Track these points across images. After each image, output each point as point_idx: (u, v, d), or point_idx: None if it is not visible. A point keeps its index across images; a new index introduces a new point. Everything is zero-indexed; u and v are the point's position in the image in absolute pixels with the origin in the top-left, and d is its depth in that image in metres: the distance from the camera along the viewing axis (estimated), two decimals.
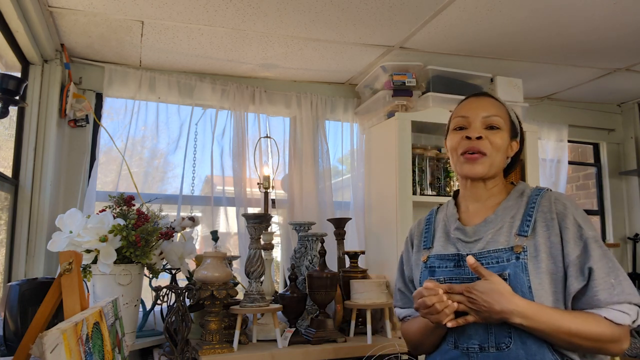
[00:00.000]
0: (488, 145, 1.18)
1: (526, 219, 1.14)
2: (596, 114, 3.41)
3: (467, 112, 1.22)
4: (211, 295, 1.73)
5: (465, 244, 1.18)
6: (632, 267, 3.30)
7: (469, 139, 1.19)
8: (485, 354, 1.09)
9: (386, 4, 1.94)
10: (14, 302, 1.49)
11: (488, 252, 1.13)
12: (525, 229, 1.12)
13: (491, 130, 1.19)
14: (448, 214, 1.28)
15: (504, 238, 1.13)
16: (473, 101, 1.25)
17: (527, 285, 1.06)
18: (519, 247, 1.10)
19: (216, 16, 2.03)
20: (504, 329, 1.07)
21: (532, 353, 1.05)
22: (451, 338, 1.16)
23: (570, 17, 2.10)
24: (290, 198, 2.67)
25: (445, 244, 1.23)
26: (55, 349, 0.76)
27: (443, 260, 1.20)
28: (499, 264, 1.10)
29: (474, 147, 1.18)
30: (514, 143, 1.25)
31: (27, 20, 1.87)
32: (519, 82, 2.65)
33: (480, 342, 1.10)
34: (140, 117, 2.48)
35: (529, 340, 1.05)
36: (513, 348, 1.06)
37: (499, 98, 1.27)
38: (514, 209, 1.18)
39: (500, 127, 1.20)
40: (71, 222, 1.63)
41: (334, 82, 2.86)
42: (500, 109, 1.23)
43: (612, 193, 3.44)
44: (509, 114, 1.25)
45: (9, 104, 1.60)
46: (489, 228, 1.16)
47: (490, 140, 1.18)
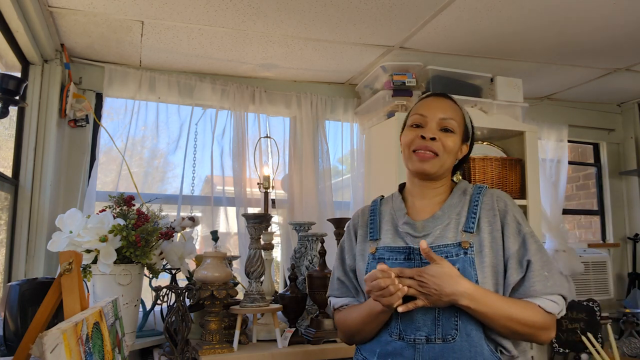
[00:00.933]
0: (440, 147, 1.22)
1: (471, 216, 1.20)
2: (596, 114, 3.41)
3: (426, 112, 1.26)
4: (211, 295, 1.73)
5: (414, 238, 1.21)
6: (632, 267, 3.30)
7: (423, 138, 1.23)
8: (431, 345, 1.12)
9: (386, 4, 1.95)
10: (14, 302, 1.49)
11: (438, 247, 1.17)
12: (470, 226, 1.19)
13: (445, 133, 1.23)
14: (395, 207, 1.31)
15: (451, 234, 1.19)
16: (433, 101, 1.29)
17: (475, 279, 1.12)
18: (466, 243, 1.16)
19: (216, 16, 2.03)
20: (451, 320, 1.11)
21: (474, 344, 1.10)
22: (395, 329, 1.17)
23: (570, 17, 2.10)
24: (290, 198, 2.67)
25: (394, 236, 1.25)
26: (55, 349, 0.76)
27: (393, 252, 1.22)
28: (448, 259, 1.14)
29: (427, 146, 1.22)
30: (464, 147, 1.31)
31: (27, 20, 1.87)
32: (519, 82, 2.65)
33: (427, 333, 1.13)
34: (140, 117, 2.48)
35: (473, 332, 1.11)
36: (458, 340, 1.11)
37: (457, 101, 1.31)
38: (458, 207, 1.24)
39: (454, 130, 1.24)
40: (71, 222, 1.63)
41: (334, 82, 2.87)
42: (457, 112, 1.27)
43: (612, 193, 3.44)
44: (464, 118, 1.29)
45: (9, 104, 1.60)
46: (437, 224, 1.21)
47: (442, 142, 1.22)
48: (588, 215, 3.59)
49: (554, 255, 2.93)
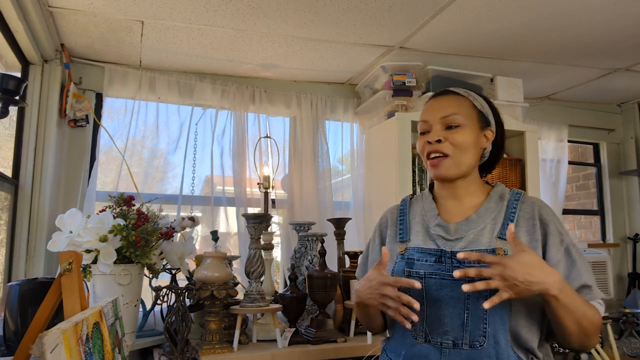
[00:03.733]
0: (449, 146, 1.18)
1: (507, 222, 1.15)
2: (596, 114, 3.41)
3: (427, 116, 1.23)
4: (211, 295, 1.73)
5: (446, 241, 1.18)
6: (632, 267, 3.30)
7: (430, 143, 1.20)
8: (457, 350, 1.10)
9: (386, 4, 1.95)
10: (14, 302, 1.49)
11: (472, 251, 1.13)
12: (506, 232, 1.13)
13: (451, 130, 1.19)
14: (425, 207, 1.27)
15: (485, 239, 1.14)
16: (433, 103, 1.25)
17: None
18: (500, 250, 1.11)
19: (216, 16, 2.03)
20: (480, 326, 1.08)
21: (501, 351, 1.07)
22: (422, 332, 1.15)
23: (570, 17, 2.10)
24: (290, 198, 2.67)
25: (425, 238, 1.22)
26: (55, 349, 0.76)
27: (424, 254, 1.18)
28: (480, 264, 1.10)
29: (436, 150, 1.19)
30: (488, 132, 1.23)
31: (27, 20, 1.87)
32: (519, 82, 2.65)
33: (455, 338, 1.10)
34: (140, 117, 2.48)
35: (501, 339, 1.07)
36: (486, 346, 1.07)
37: (462, 91, 1.25)
38: (494, 211, 1.19)
39: (461, 123, 1.18)
40: (71, 222, 1.63)
41: (334, 82, 2.86)
42: (461, 104, 1.21)
43: (612, 193, 3.44)
44: (473, 104, 1.22)
45: (9, 104, 1.60)
46: (471, 228, 1.17)
47: (450, 140, 1.18)
48: (588, 215, 3.59)
49: None
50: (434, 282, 1.14)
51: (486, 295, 1.07)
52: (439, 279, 1.13)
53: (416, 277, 1.16)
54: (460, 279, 1.06)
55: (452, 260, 1.14)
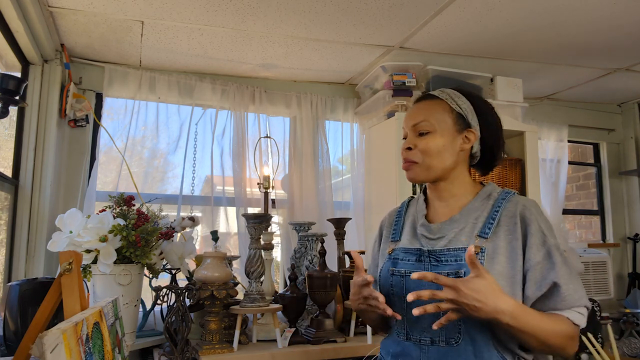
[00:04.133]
0: (417, 154, 1.21)
1: (489, 221, 1.16)
2: (596, 114, 3.41)
3: (404, 124, 1.28)
4: (211, 295, 1.73)
5: (428, 240, 1.21)
6: (632, 267, 3.30)
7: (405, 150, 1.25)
8: (435, 347, 1.12)
9: (386, 4, 1.94)
10: (14, 302, 1.49)
11: (448, 250, 1.16)
12: (486, 231, 1.15)
13: (420, 137, 1.22)
14: (418, 209, 1.31)
15: (465, 237, 1.16)
16: (410, 111, 1.29)
17: None
18: (477, 247, 1.12)
19: (216, 16, 2.03)
20: (455, 325, 1.10)
21: (479, 349, 1.08)
22: (402, 330, 1.19)
23: (570, 17, 2.10)
24: (290, 198, 2.67)
25: (411, 238, 1.26)
26: (55, 349, 0.76)
27: (407, 254, 1.23)
28: (457, 262, 1.13)
29: (407, 158, 1.24)
30: (469, 134, 1.23)
31: (27, 20, 1.87)
32: (519, 82, 2.65)
33: (432, 335, 1.13)
34: (140, 117, 2.48)
35: (478, 337, 1.09)
36: (462, 344, 1.09)
37: (441, 94, 1.25)
38: (478, 211, 1.20)
39: (430, 130, 1.21)
40: (71, 222, 1.63)
41: (334, 82, 2.86)
42: (431, 109, 1.23)
43: (612, 193, 3.44)
44: (450, 107, 1.22)
45: (9, 104, 1.60)
46: (453, 227, 1.19)
47: (419, 147, 1.21)
48: (588, 215, 3.59)
49: None
50: (413, 281, 1.14)
51: None
52: None
53: (397, 276, 1.20)
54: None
55: (430, 259, 1.17)
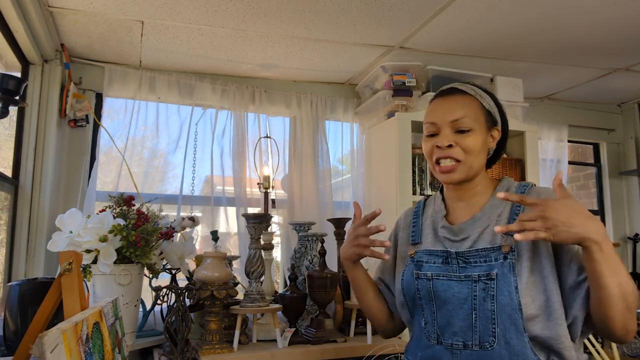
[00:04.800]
0: (460, 152, 1.14)
1: (512, 217, 1.12)
2: (596, 114, 3.41)
3: (435, 118, 1.18)
4: (211, 295, 1.73)
5: (452, 242, 1.17)
6: (632, 267, 3.30)
7: (440, 148, 1.16)
8: (468, 352, 1.09)
9: (386, 4, 1.94)
10: (14, 302, 1.49)
11: (477, 250, 1.11)
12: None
13: (461, 134, 1.15)
14: (436, 209, 1.27)
15: (490, 237, 1.12)
16: (439, 104, 1.20)
17: (514, 285, 1.04)
18: (507, 247, 1.08)
19: (216, 16, 2.03)
20: (488, 327, 1.07)
21: (515, 353, 1.04)
22: (433, 333, 1.15)
23: (570, 17, 2.10)
24: (290, 198, 2.67)
25: (433, 240, 1.22)
26: (55, 349, 0.76)
27: (432, 256, 1.18)
28: (487, 263, 1.09)
29: (447, 155, 1.15)
30: (494, 132, 1.21)
31: (27, 20, 1.87)
32: (519, 82, 2.65)
33: (464, 339, 1.09)
34: (140, 117, 2.48)
35: (513, 340, 1.04)
36: (497, 347, 1.05)
37: (468, 89, 1.21)
38: (499, 207, 1.16)
39: (471, 127, 1.15)
40: (71, 222, 1.63)
41: (334, 82, 2.86)
42: (469, 105, 1.17)
43: (612, 193, 3.44)
44: (482, 104, 1.19)
45: (9, 104, 1.60)
46: (476, 226, 1.15)
47: (461, 145, 1.14)
48: None
49: None
50: (441, 284, 1.13)
51: (493, 296, 1.06)
52: (446, 280, 1.13)
53: (424, 279, 1.16)
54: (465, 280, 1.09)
55: (458, 260, 1.13)
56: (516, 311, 1.04)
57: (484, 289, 1.07)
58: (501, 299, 1.05)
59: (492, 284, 1.06)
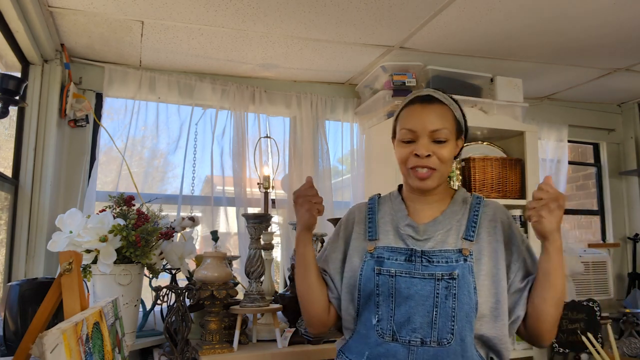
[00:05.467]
0: (436, 161, 1.20)
1: (471, 224, 1.22)
2: (596, 114, 3.41)
3: (415, 126, 1.20)
4: (211, 295, 1.73)
5: (416, 241, 1.22)
6: (632, 267, 3.30)
7: (418, 156, 1.20)
8: (425, 348, 1.12)
9: (386, 4, 1.94)
10: (14, 302, 1.49)
11: (440, 251, 1.18)
12: (471, 234, 1.20)
13: (438, 145, 1.20)
14: (395, 208, 1.30)
15: (452, 240, 1.20)
16: (419, 111, 1.22)
17: (473, 286, 1.13)
18: (466, 250, 1.17)
19: (216, 16, 2.03)
20: (447, 324, 1.12)
21: (466, 349, 1.11)
22: (388, 330, 1.15)
23: (570, 17, 2.10)
24: (290, 198, 2.67)
25: (395, 238, 1.24)
26: (55, 349, 0.76)
27: (394, 253, 1.21)
28: (448, 264, 1.16)
29: (425, 165, 1.20)
30: (460, 141, 1.28)
31: (27, 20, 1.87)
32: (519, 82, 2.65)
33: (423, 335, 1.13)
34: (140, 117, 2.48)
35: (467, 337, 1.11)
36: (453, 344, 1.11)
37: (444, 98, 1.24)
38: (459, 214, 1.24)
39: (447, 138, 1.20)
40: (71, 222, 1.63)
41: (334, 82, 2.86)
42: (446, 116, 1.22)
43: (612, 193, 3.43)
44: (454, 115, 1.24)
45: (9, 104, 1.60)
46: (438, 228, 1.22)
47: (438, 155, 1.20)
48: (588, 215, 3.59)
49: None
50: (404, 281, 1.17)
51: (454, 294, 1.12)
52: (408, 277, 1.17)
53: (385, 275, 1.19)
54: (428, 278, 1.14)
55: (422, 259, 1.18)
56: (473, 310, 1.11)
57: (446, 288, 1.13)
58: (461, 298, 1.12)
59: (454, 283, 1.13)
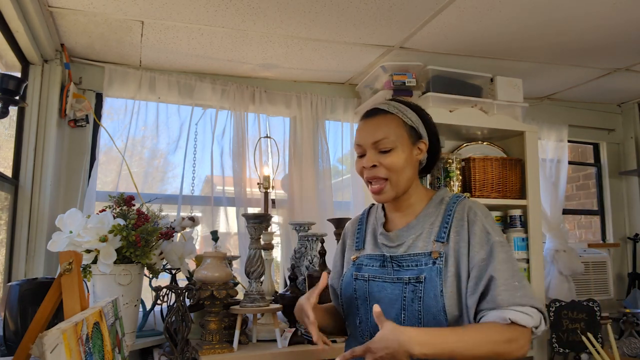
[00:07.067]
0: (384, 170, 1.21)
1: (443, 225, 1.21)
2: (596, 114, 3.41)
3: (360, 140, 1.25)
4: (211, 295, 1.73)
5: (389, 248, 1.25)
6: (632, 267, 3.30)
7: (366, 168, 1.23)
8: None
9: (386, 4, 1.94)
10: (14, 302, 1.49)
11: (409, 255, 1.20)
12: (442, 236, 1.19)
13: (383, 154, 1.21)
14: (377, 217, 1.35)
15: (422, 243, 1.21)
16: (364, 126, 1.26)
17: (440, 289, 1.13)
18: (436, 253, 1.17)
19: (216, 16, 2.03)
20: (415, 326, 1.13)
21: None
22: (367, 331, 1.23)
23: (570, 17, 2.10)
24: (290, 198, 2.67)
25: (373, 246, 1.30)
26: (55, 349, 0.76)
27: (371, 260, 1.27)
28: (418, 267, 1.18)
29: (373, 175, 1.22)
30: (421, 144, 1.25)
31: (27, 20, 1.87)
32: (519, 82, 2.65)
33: None
34: (140, 117, 2.48)
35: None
36: None
37: (390, 107, 1.25)
38: (433, 216, 1.24)
39: (392, 147, 1.20)
40: (71, 222, 1.63)
41: (334, 82, 2.86)
42: (389, 124, 1.22)
43: (612, 193, 3.43)
44: (403, 121, 1.23)
45: (9, 104, 1.60)
46: (411, 233, 1.24)
47: (384, 164, 1.20)
48: (588, 215, 3.59)
49: (554, 255, 2.93)
50: (376, 285, 1.22)
51: (420, 297, 1.14)
52: (381, 281, 1.22)
53: (361, 280, 1.25)
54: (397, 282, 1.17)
55: (393, 264, 1.22)
56: (441, 312, 1.12)
57: (412, 291, 1.15)
58: (427, 301, 1.13)
59: (421, 286, 1.15)
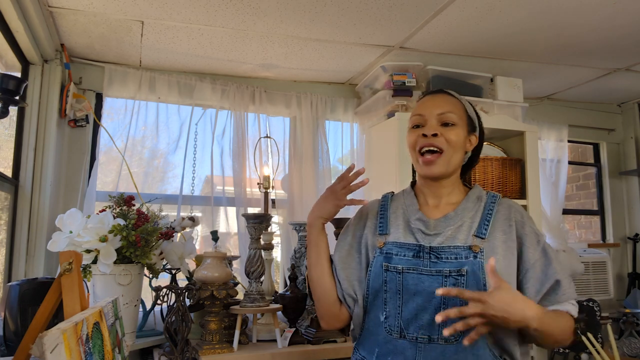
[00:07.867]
0: (444, 142, 1.21)
1: (484, 222, 1.20)
2: (596, 114, 3.41)
3: (423, 111, 1.26)
4: (211, 295, 1.73)
5: (425, 235, 1.21)
6: (632, 267, 3.30)
7: (425, 136, 1.23)
8: (433, 345, 1.11)
9: (386, 4, 1.94)
10: (14, 302, 1.49)
11: (448, 247, 1.17)
12: (483, 232, 1.18)
13: (446, 127, 1.22)
14: (407, 202, 1.31)
15: (462, 236, 1.18)
16: (429, 99, 1.29)
17: (483, 283, 1.11)
18: (476, 247, 1.15)
19: (216, 16, 2.03)
20: (455, 321, 1.08)
21: (476, 347, 1.10)
22: (396, 327, 1.15)
23: (570, 17, 2.10)
24: (290, 198, 2.67)
25: (404, 232, 1.24)
26: (55, 349, 0.76)
27: (402, 249, 1.21)
28: (457, 260, 1.15)
29: (431, 143, 1.22)
30: (473, 137, 1.29)
31: (27, 20, 1.87)
32: (519, 82, 2.65)
33: (430, 333, 1.12)
34: (140, 117, 2.48)
35: None
36: (461, 341, 1.08)
37: (455, 94, 1.30)
38: (472, 211, 1.23)
39: (455, 123, 1.23)
40: (71, 222, 1.63)
41: (334, 82, 2.86)
42: (456, 105, 1.26)
43: (612, 193, 3.44)
44: (465, 109, 1.28)
45: (9, 104, 1.60)
46: (449, 224, 1.21)
47: (445, 137, 1.21)
48: (588, 215, 3.59)
49: None
50: (411, 277, 1.16)
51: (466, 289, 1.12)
52: (416, 273, 1.16)
53: (393, 272, 1.18)
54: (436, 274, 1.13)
55: (430, 255, 1.17)
56: None
57: (454, 284, 1.12)
58: None
59: (462, 279, 1.12)
